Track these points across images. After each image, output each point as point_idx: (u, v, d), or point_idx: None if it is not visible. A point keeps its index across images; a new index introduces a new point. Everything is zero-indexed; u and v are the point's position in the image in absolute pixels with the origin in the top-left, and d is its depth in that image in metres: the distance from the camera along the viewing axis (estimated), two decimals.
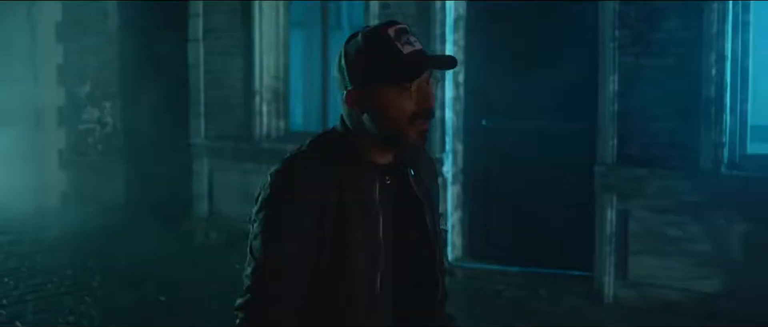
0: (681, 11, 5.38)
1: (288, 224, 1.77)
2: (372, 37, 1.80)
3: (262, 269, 1.77)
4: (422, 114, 1.79)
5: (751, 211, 5.23)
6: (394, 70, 1.76)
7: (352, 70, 1.82)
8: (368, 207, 1.82)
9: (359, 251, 1.80)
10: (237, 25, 7.84)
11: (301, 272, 1.78)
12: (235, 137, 7.97)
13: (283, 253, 1.77)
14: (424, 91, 1.79)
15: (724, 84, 5.28)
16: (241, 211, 7.94)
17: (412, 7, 6.67)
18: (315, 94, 7.72)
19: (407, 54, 1.76)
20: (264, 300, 1.77)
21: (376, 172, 1.86)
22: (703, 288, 5.40)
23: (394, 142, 1.83)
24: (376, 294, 1.83)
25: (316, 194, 1.78)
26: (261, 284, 1.77)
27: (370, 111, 1.80)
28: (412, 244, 1.90)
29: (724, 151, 5.34)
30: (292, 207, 1.77)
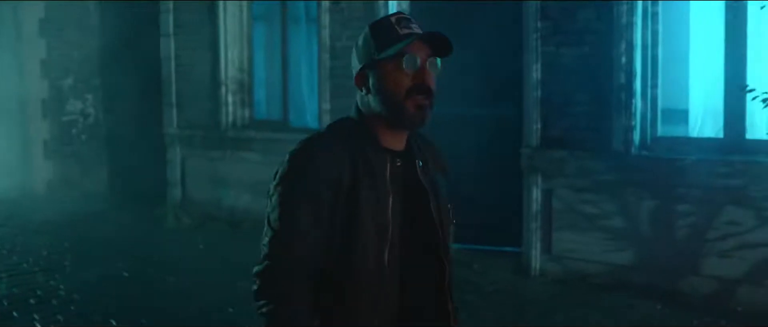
0: (595, 3, 5.79)
1: (304, 198, 1.89)
2: (376, 24, 2.01)
3: (279, 239, 1.90)
4: (417, 88, 1.93)
5: (658, 189, 5.64)
6: (387, 44, 1.93)
7: (359, 53, 2.02)
8: (379, 186, 1.94)
9: (370, 226, 1.91)
10: (204, 20, 8.30)
11: (314, 243, 1.89)
12: (203, 126, 8.44)
13: (298, 225, 1.88)
14: (421, 70, 1.94)
15: (633, 71, 5.68)
16: (209, 195, 8.50)
17: (359, 4, 7.10)
18: (276, 84, 8.16)
19: (403, 34, 1.94)
20: (279, 268, 1.89)
21: (387, 154, 1.98)
22: (617, 260, 5.82)
23: (395, 118, 1.95)
24: (384, 267, 1.94)
25: (331, 171, 1.90)
26: (276, 253, 1.90)
27: (373, 87, 1.96)
28: (417, 228, 2.00)
29: (635, 133, 5.75)
30: (308, 182, 1.89)
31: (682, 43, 5.83)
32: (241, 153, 8.13)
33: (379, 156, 1.96)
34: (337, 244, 1.91)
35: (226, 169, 8.30)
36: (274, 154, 7.49)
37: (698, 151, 5.57)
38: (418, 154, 2.05)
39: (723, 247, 5.39)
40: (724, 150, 5.47)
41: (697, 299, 5.49)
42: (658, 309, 5.48)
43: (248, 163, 8.03)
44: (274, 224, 1.91)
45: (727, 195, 5.34)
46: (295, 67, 7.97)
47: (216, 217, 8.33)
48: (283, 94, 8.06)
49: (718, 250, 5.41)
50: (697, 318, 5.28)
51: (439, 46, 1.97)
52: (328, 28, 7.31)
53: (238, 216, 8.13)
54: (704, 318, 5.28)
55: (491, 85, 6.51)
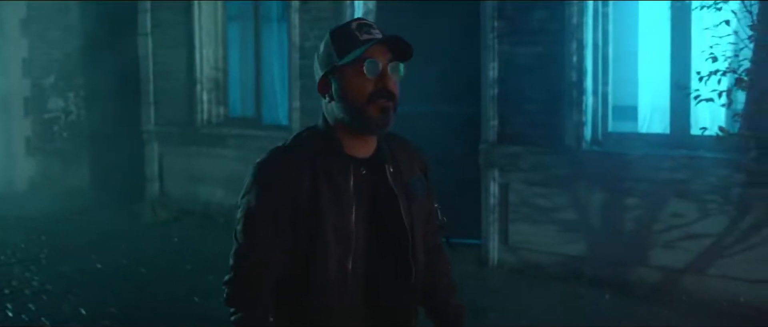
0: (548, 4, 6.00)
1: (265, 211, 1.94)
2: (337, 31, 2.03)
3: (242, 251, 1.98)
4: (379, 93, 1.95)
5: (608, 183, 5.86)
6: (347, 50, 1.95)
7: (321, 61, 2.04)
8: (342, 195, 1.96)
9: (332, 237, 1.95)
10: (180, 20, 8.51)
11: (276, 254, 1.95)
12: (180, 123, 8.65)
13: (259, 237, 1.94)
14: (383, 74, 1.96)
15: (584, 69, 5.90)
16: (186, 191, 8.71)
17: (327, 4, 7.31)
18: (250, 82, 8.37)
19: (363, 39, 1.96)
20: (243, 279, 1.98)
21: (352, 163, 2.00)
22: (569, 251, 6.04)
23: (359, 123, 1.97)
24: (348, 277, 1.97)
25: (291, 183, 1.93)
26: (240, 265, 1.98)
27: (336, 93, 1.98)
28: (387, 234, 2.02)
29: (586, 129, 5.97)
30: (269, 195, 1.94)
31: (631, 42, 6.05)
32: (216, 149, 8.35)
33: (343, 165, 1.98)
34: (301, 253, 1.95)
35: (201, 165, 8.51)
36: (247, 150, 7.83)
37: (646, 146, 5.79)
38: (388, 159, 2.06)
39: (668, 239, 5.61)
40: (669, 145, 5.69)
41: (644, 289, 5.70)
42: (606, 298, 5.70)
43: (222, 159, 8.25)
44: (239, 236, 1.98)
45: (671, 188, 5.56)
46: (267, 66, 8.18)
47: (192, 212, 8.53)
48: (256, 92, 8.28)
49: (664, 242, 5.63)
50: (643, 307, 5.50)
51: (399, 50, 1.98)
52: (297, 28, 7.53)
53: (213, 210, 8.34)
54: (649, 307, 5.50)
55: (453, 83, 6.72)
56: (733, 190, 5.30)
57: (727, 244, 5.40)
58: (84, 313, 5.62)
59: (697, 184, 5.45)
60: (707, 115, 5.64)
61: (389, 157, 2.06)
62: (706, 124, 5.58)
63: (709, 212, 5.45)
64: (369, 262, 2.00)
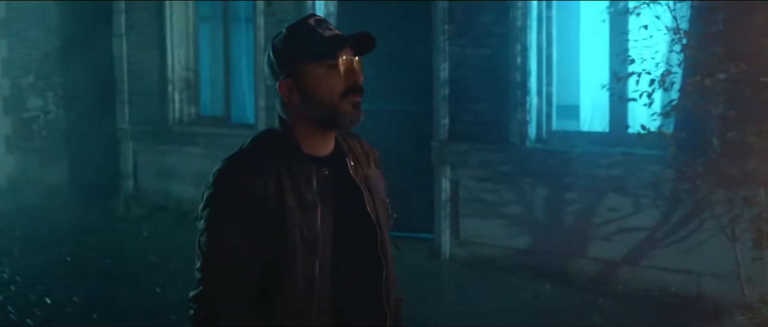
0: (494, 8, 6.28)
1: (230, 220, 1.87)
2: (296, 28, 1.95)
3: (208, 264, 1.88)
4: (351, 88, 1.92)
5: (550, 179, 6.14)
6: (318, 49, 1.90)
7: (281, 60, 1.95)
8: (306, 198, 1.92)
9: (298, 240, 1.90)
10: (153, 21, 8.77)
11: (244, 265, 1.88)
12: (153, 122, 8.91)
13: (226, 247, 1.87)
14: (351, 69, 1.93)
15: (528, 70, 6.18)
16: (159, 187, 8.97)
17: (289, 6, 7.58)
18: (220, 81, 8.64)
19: (328, 36, 1.92)
20: (211, 293, 1.88)
21: (314, 163, 1.96)
22: (515, 244, 6.31)
23: (331, 120, 1.93)
24: (315, 279, 1.92)
25: (255, 189, 1.87)
26: (208, 278, 1.88)
27: (304, 93, 1.92)
28: (355, 231, 1.99)
29: (530, 128, 6.24)
30: (233, 203, 1.87)
31: (573, 43, 6.33)
32: (187, 147, 8.60)
33: (305, 167, 1.95)
34: (268, 260, 1.90)
35: (173, 162, 8.77)
36: (217, 148, 8.11)
37: (586, 144, 6.07)
38: (348, 154, 2.05)
39: (605, 232, 5.89)
40: (608, 143, 5.97)
41: (583, 279, 5.98)
42: (547, 288, 5.98)
43: (193, 156, 8.51)
44: (204, 248, 1.90)
45: (608, 184, 5.84)
46: (236, 66, 8.45)
47: (165, 208, 8.79)
48: (226, 92, 8.54)
49: (601, 235, 5.91)
50: (579, 296, 5.78)
51: (360, 46, 1.96)
52: (262, 29, 7.79)
53: (184, 206, 8.59)
54: (586, 296, 5.77)
55: (408, 82, 7.00)
56: (664, 185, 5.58)
57: (659, 236, 5.69)
58: (49, 302, 5.88)
59: (632, 180, 5.73)
60: (645, 114, 5.91)
61: (348, 152, 2.05)
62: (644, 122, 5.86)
63: (642, 206, 5.73)
64: (335, 264, 1.96)
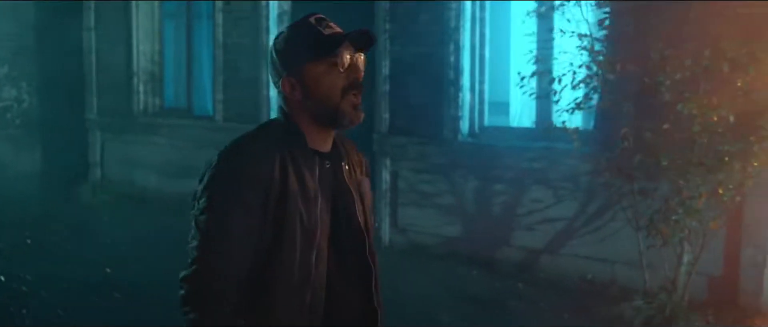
0: (430, 8, 6.62)
1: (233, 201, 1.85)
2: (297, 27, 1.99)
3: (208, 245, 1.86)
4: (352, 86, 1.93)
5: (481, 171, 6.48)
6: (319, 47, 1.91)
7: (283, 58, 1.97)
8: (308, 187, 1.92)
9: (298, 228, 1.89)
10: (120, 17, 9.11)
11: (244, 247, 1.86)
12: (119, 113, 9.26)
13: (227, 229, 1.85)
14: (352, 66, 1.94)
15: (460, 69, 6.52)
16: (124, 175, 9.32)
17: (246, 4, 7.92)
18: (182, 75, 8.99)
19: (328, 34, 1.93)
20: (208, 273, 1.85)
21: (316, 156, 1.97)
22: (448, 233, 6.66)
23: (332, 119, 1.94)
24: (311, 269, 1.92)
25: (261, 174, 1.87)
26: (206, 259, 1.85)
27: (306, 91, 1.93)
28: (344, 230, 2.00)
29: (463, 123, 6.59)
30: (238, 185, 1.86)
31: (505, 43, 6.67)
32: (151, 137, 8.95)
33: (308, 157, 1.95)
34: (266, 247, 1.89)
35: (138, 152, 9.12)
36: (178, 138, 8.48)
37: (514, 138, 6.42)
38: (344, 156, 2.06)
39: (528, 222, 6.24)
40: (532, 138, 6.31)
41: (508, 266, 6.34)
42: (474, 274, 6.33)
43: (157, 146, 8.86)
44: (204, 229, 1.86)
45: (532, 176, 6.19)
46: (198, 61, 8.79)
47: (129, 195, 9.15)
48: (188, 85, 8.89)
49: (525, 224, 6.26)
50: (502, 282, 6.14)
51: (361, 42, 1.97)
52: (221, 27, 8.14)
53: (147, 194, 8.96)
54: (508, 282, 6.13)
55: None
56: (581, 178, 5.93)
57: (576, 226, 6.04)
58: (2, 279, 6.23)
59: (553, 173, 6.08)
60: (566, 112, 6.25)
61: (344, 155, 2.06)
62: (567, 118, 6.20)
63: (562, 198, 6.08)
64: (329, 259, 1.97)
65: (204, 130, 8.44)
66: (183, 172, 8.55)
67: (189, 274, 1.87)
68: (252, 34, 7.83)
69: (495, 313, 5.52)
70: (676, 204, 4.71)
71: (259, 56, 7.80)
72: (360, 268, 2.02)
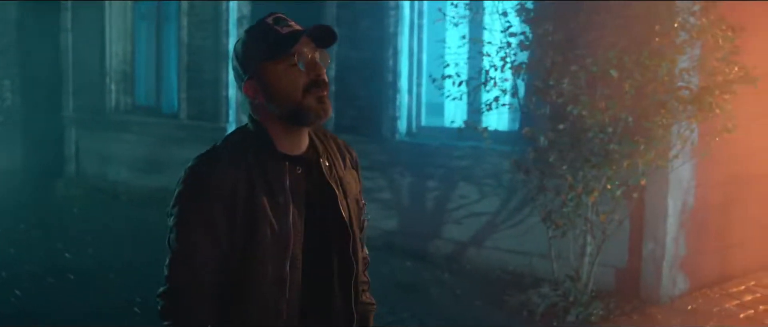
0: (373, 14, 7.05)
1: (199, 217, 1.87)
2: (254, 28, 1.96)
3: (177, 260, 1.89)
4: (314, 83, 1.90)
5: (416, 169, 6.90)
6: (275, 46, 1.89)
7: (243, 61, 1.95)
8: (277, 196, 1.90)
9: (269, 239, 1.89)
10: (95, 18, 9.58)
11: (212, 261, 1.88)
12: (94, 111, 9.74)
13: (194, 244, 1.87)
14: (311, 64, 1.90)
15: (398, 72, 6.95)
16: (97, 170, 9.78)
17: (209, 7, 8.37)
18: (152, 75, 9.45)
19: (285, 33, 1.90)
20: (179, 289, 1.89)
21: (286, 161, 1.94)
22: (387, 226, 7.07)
23: (298, 117, 1.91)
24: (285, 278, 1.91)
25: (226, 187, 1.86)
26: (175, 274, 1.89)
27: (268, 92, 1.91)
28: (326, 230, 1.98)
29: (400, 123, 7.01)
30: (202, 201, 1.87)
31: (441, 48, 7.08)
32: (123, 134, 9.42)
33: (278, 165, 1.93)
34: (238, 258, 1.90)
35: (110, 148, 9.58)
36: (147, 135, 8.97)
37: (446, 138, 6.83)
38: (322, 154, 2.02)
39: (457, 216, 6.65)
40: (462, 137, 6.71)
41: (439, 258, 6.74)
42: (407, 265, 6.74)
43: (127, 143, 9.32)
44: (173, 245, 1.90)
45: (459, 174, 6.60)
46: (166, 62, 9.25)
47: (102, 189, 9.61)
48: (157, 85, 9.35)
49: (454, 218, 6.67)
50: (430, 272, 6.55)
51: (322, 38, 1.95)
52: (185, 28, 8.59)
53: (118, 188, 9.41)
54: (436, 272, 6.54)
55: None
56: (503, 176, 6.33)
57: (498, 221, 6.45)
58: None
59: (478, 170, 6.49)
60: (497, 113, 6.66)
61: (323, 152, 2.03)
62: (496, 119, 6.62)
63: (486, 194, 6.49)
64: (306, 264, 1.96)
65: (170, 127, 8.90)
66: (150, 167, 9.04)
67: (164, 290, 1.91)
68: (213, 37, 8.28)
69: (414, 300, 5.91)
70: (568, 199, 5.11)
71: (219, 58, 8.25)
72: (342, 267, 2.01)
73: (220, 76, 8.26)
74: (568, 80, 4.90)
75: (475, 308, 5.73)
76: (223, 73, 8.21)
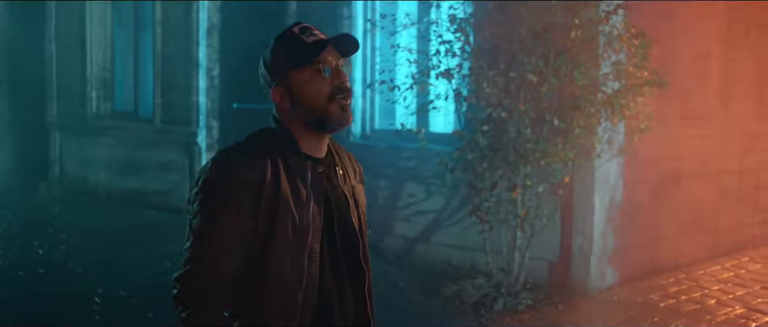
0: (328, 22, 7.44)
1: (225, 204, 1.93)
2: (281, 37, 2.07)
3: (200, 245, 1.94)
4: (338, 90, 2.01)
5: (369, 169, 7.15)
6: (301, 55, 2.00)
7: (271, 69, 2.06)
8: (300, 191, 1.98)
9: (290, 230, 1.95)
10: (77, 28, 10.02)
11: (234, 249, 1.94)
12: (76, 116, 10.16)
13: (219, 230, 1.92)
14: (336, 72, 2.02)
15: (352, 77, 7.32)
16: (79, 173, 10.21)
17: (180, 17, 8.79)
18: (130, 81, 9.87)
19: (310, 42, 2.02)
20: (200, 274, 1.93)
21: (309, 160, 2.03)
22: None
23: (321, 123, 2.02)
24: (304, 270, 1.98)
25: (252, 177, 1.94)
26: (198, 259, 1.94)
27: (294, 98, 2.02)
28: (338, 234, 2.06)
29: (355, 125, 7.39)
30: (229, 188, 1.93)
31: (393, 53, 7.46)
32: (102, 138, 9.84)
33: (300, 162, 2.01)
34: (258, 249, 1.95)
35: (91, 151, 10.01)
36: (126, 139, 9.41)
37: (396, 140, 7.21)
38: (338, 162, 2.13)
39: (406, 214, 7.04)
40: (410, 139, 7.09)
41: (391, 254, 7.12)
42: None
43: (106, 147, 9.75)
44: (197, 230, 1.94)
45: (408, 174, 6.98)
46: (143, 69, 9.67)
47: (83, 191, 10.03)
48: (135, 91, 9.77)
49: (403, 216, 7.06)
50: (381, 267, 6.90)
51: (345, 47, 2.06)
52: (160, 37, 9.01)
53: (98, 190, 9.83)
54: (386, 267, 6.90)
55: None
56: (446, 175, 6.70)
57: (443, 218, 6.82)
58: None
59: (424, 170, 6.87)
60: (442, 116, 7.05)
61: (338, 160, 2.14)
62: (439, 124, 7.01)
63: (431, 193, 6.87)
64: (323, 261, 2.03)
65: (146, 131, 9.33)
66: (128, 170, 9.47)
67: (182, 274, 1.95)
68: (185, 46, 8.68)
69: None
70: (489, 195, 5.49)
71: (190, 65, 8.65)
72: (353, 272, 2.08)
73: (191, 83, 8.66)
74: (487, 84, 5.28)
75: (412, 299, 6.11)
76: (193, 80, 8.61)
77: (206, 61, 8.63)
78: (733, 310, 5.76)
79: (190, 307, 1.92)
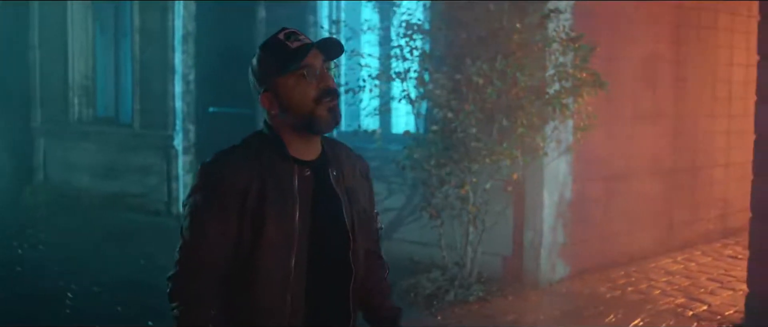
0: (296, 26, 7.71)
1: (211, 208, 2.02)
2: (266, 44, 2.11)
3: (187, 247, 2.04)
4: (324, 93, 2.06)
5: None
6: (286, 61, 2.03)
7: (258, 76, 2.11)
8: (286, 195, 2.04)
9: (275, 234, 2.02)
10: (59, 35, 10.31)
11: (221, 250, 2.02)
12: (59, 121, 10.45)
13: (205, 233, 2.01)
14: (321, 75, 2.06)
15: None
16: (63, 178, 10.49)
17: (157, 24, 9.08)
18: (111, 87, 10.16)
19: (294, 47, 2.05)
20: (187, 273, 2.04)
21: (296, 164, 2.08)
22: None
23: (309, 126, 2.07)
24: (290, 274, 2.05)
25: (238, 182, 2.01)
26: (185, 260, 2.04)
27: (282, 103, 2.06)
28: (329, 235, 2.10)
29: None
30: (216, 194, 2.02)
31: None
32: (84, 143, 10.13)
33: (287, 166, 2.07)
34: (246, 251, 2.02)
35: (73, 156, 10.29)
36: (107, 144, 9.69)
37: (361, 141, 7.47)
38: (332, 163, 2.16)
39: None
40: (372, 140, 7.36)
41: None
42: None
43: (88, 152, 10.04)
44: (185, 233, 2.04)
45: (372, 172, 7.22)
46: (123, 75, 9.96)
47: (67, 195, 10.31)
48: (115, 97, 10.06)
49: None
50: None
51: (329, 50, 2.10)
52: (138, 44, 9.30)
53: (81, 193, 10.11)
54: None
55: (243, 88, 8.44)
56: (407, 174, 6.98)
57: (404, 215, 7.10)
58: None
59: (385, 169, 7.13)
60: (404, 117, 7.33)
61: (333, 161, 2.17)
62: (401, 125, 7.28)
63: (393, 191, 7.14)
64: (310, 263, 2.08)
65: (125, 136, 9.62)
66: (108, 173, 9.76)
67: (173, 273, 2.06)
68: (161, 52, 8.97)
69: None
70: (437, 192, 5.77)
71: (167, 71, 8.94)
72: (341, 271, 2.13)
73: (167, 88, 8.94)
74: (434, 86, 5.56)
75: None
76: (170, 86, 8.90)
77: (182, 67, 8.91)
78: (674, 299, 6.03)
79: (180, 304, 2.03)
